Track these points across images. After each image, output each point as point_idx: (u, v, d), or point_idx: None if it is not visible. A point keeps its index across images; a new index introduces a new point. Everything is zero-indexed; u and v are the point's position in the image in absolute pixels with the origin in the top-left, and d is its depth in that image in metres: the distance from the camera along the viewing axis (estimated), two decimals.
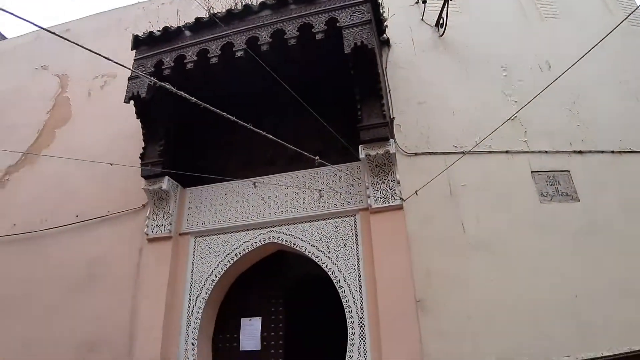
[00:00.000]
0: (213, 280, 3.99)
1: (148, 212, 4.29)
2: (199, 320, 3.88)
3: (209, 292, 3.96)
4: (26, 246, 4.78)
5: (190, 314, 3.91)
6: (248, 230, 4.09)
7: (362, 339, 3.46)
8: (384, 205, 3.72)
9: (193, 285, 4.02)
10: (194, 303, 3.95)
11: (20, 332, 4.38)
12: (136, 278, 4.20)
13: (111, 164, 3.89)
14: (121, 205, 4.58)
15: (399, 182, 3.76)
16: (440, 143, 4.21)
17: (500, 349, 3.30)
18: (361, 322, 3.50)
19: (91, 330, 4.15)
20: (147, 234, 4.21)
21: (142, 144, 4.26)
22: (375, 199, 3.74)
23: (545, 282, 3.48)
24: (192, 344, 3.82)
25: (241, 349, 3.98)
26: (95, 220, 4.63)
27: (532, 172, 4.01)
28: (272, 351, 3.91)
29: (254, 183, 3.82)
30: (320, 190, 3.91)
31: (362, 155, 3.75)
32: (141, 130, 4.34)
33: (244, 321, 4.05)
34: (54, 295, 4.42)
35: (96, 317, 4.18)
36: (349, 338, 3.49)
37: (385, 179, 3.78)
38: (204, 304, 3.93)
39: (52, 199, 4.92)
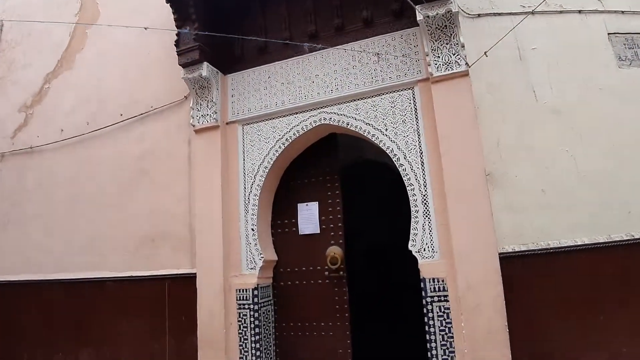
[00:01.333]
0: (266, 167, 3.86)
1: (191, 103, 4.13)
2: (256, 207, 3.83)
3: (263, 179, 3.86)
4: (76, 150, 4.90)
5: (247, 202, 3.87)
6: (297, 113, 3.87)
7: (426, 216, 3.31)
8: (447, 72, 3.37)
9: (246, 173, 3.93)
10: (249, 191, 3.87)
11: (83, 231, 4.60)
12: (188, 170, 4.15)
13: (145, 28, 3.65)
14: (163, 100, 4.43)
15: (463, 46, 3.37)
16: (507, 2, 3.66)
17: (577, 223, 3.14)
18: (425, 200, 3.34)
19: (150, 224, 4.23)
20: (194, 125, 4.08)
21: (175, 33, 3.95)
22: (436, 66, 3.38)
23: (624, 153, 3.16)
24: (252, 229, 3.81)
25: (300, 232, 3.93)
26: (139, 117, 4.52)
27: (608, 34, 3.51)
28: (332, 234, 3.87)
29: (306, 46, 3.46)
30: (377, 54, 3.53)
31: (419, 17, 3.34)
32: (173, 17, 3.99)
33: (301, 206, 3.98)
34: (110, 194, 4.53)
35: (154, 211, 4.26)
36: (412, 217, 3.37)
37: (447, 43, 3.39)
38: (259, 191, 3.86)
39: (94, 101, 4.90)
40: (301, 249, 3.99)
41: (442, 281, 3.22)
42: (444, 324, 3.17)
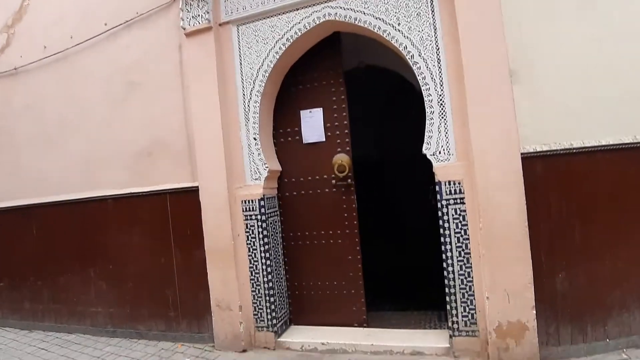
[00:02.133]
0: (265, 71, 3.53)
1: (181, 4, 3.68)
2: (257, 115, 3.56)
3: (263, 84, 3.54)
4: (62, 67, 4.51)
5: (247, 109, 3.58)
6: (298, 9, 3.47)
7: (442, 117, 3.08)
8: None
9: (244, 78, 3.59)
10: (248, 97, 3.57)
11: (77, 149, 4.39)
12: (181, 78, 3.82)
13: None
14: (150, 4, 3.93)
15: None
16: None
17: (602, 123, 2.90)
18: (441, 100, 3.08)
19: (146, 137, 3.99)
20: (184, 28, 3.68)
21: None
22: None
23: None
24: (254, 138, 3.57)
25: (304, 141, 3.70)
26: (125, 25, 4.09)
27: None
28: (338, 141, 3.63)
29: None
30: None
31: None
32: None
33: (304, 113, 3.71)
34: (100, 109, 4.25)
35: (148, 124, 3.99)
36: (427, 119, 3.13)
37: None
38: (259, 97, 3.55)
39: (75, 13, 4.41)
40: (306, 158, 3.77)
41: (459, 184, 3.05)
42: (459, 227, 3.05)
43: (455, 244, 3.06)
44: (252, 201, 3.59)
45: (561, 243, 2.91)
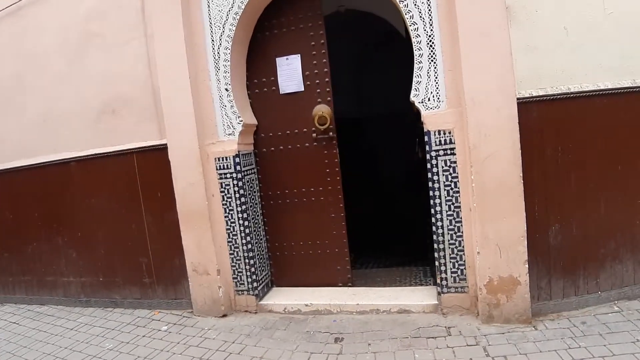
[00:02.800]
0: (236, 14, 3.17)
1: None
2: (229, 63, 3.20)
3: (234, 28, 3.19)
4: (15, 21, 4.00)
5: (217, 57, 3.23)
6: None
7: (432, 60, 2.81)
8: None
9: (213, 22, 3.23)
10: (218, 43, 3.21)
11: (35, 107, 3.98)
12: (144, 26, 3.41)
13: None
14: None
15: None
16: None
17: (601, 66, 2.67)
18: (431, 41, 2.81)
19: (109, 92, 3.63)
20: None
21: None
22: None
23: None
24: (226, 89, 3.22)
25: (281, 92, 3.37)
26: None
27: None
28: (318, 91, 3.32)
29: None
30: None
31: None
32: None
33: (280, 60, 3.37)
34: (57, 64, 3.84)
35: (110, 79, 3.64)
36: (415, 62, 2.86)
37: None
38: (230, 43, 3.21)
39: None
40: (284, 110, 3.46)
41: (449, 133, 2.81)
42: (449, 179, 2.83)
43: (445, 197, 2.85)
44: (226, 158, 3.30)
45: (556, 194, 2.73)
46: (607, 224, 2.75)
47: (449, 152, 2.82)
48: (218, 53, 3.26)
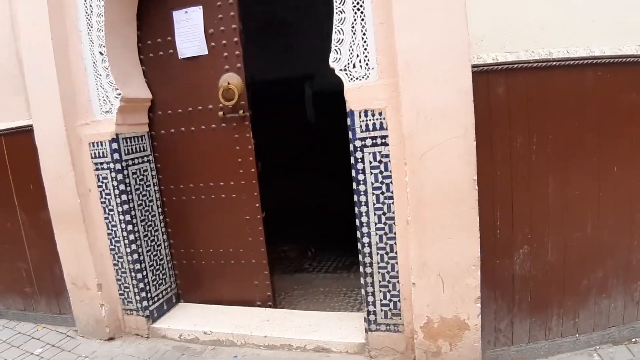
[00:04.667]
0: None
1: None
2: (103, 18, 2.32)
3: None
4: None
5: (89, 11, 2.41)
6: None
7: (358, 9, 1.95)
8: None
9: None
10: None
11: None
12: None
13: None
14: None
15: None
16: None
17: (596, 22, 1.84)
18: None
19: None
20: None
21: None
22: None
23: None
24: (100, 53, 2.36)
25: (180, 56, 2.52)
26: None
27: None
28: (225, 55, 2.48)
29: None
30: None
31: None
32: None
33: (178, 14, 2.54)
34: None
35: None
36: (335, 13, 1.99)
37: None
38: None
39: None
40: (184, 80, 2.63)
41: (380, 115, 1.97)
42: (379, 179, 2.01)
43: (374, 204, 2.04)
44: (101, 143, 2.49)
45: (527, 204, 1.90)
46: (595, 246, 1.94)
47: (379, 141, 1.99)
48: (90, 7, 2.40)
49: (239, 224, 2.68)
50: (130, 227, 2.55)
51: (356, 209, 2.08)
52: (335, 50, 2.00)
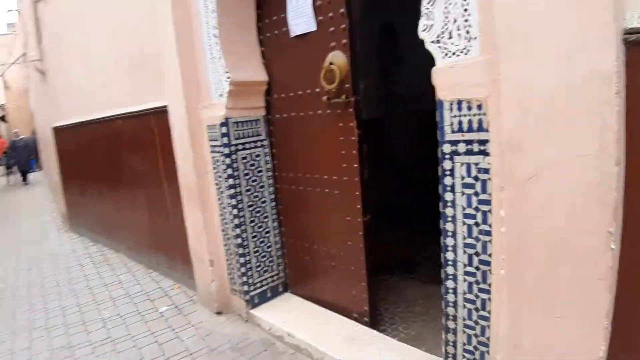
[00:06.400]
0: None
1: None
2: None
3: None
4: None
5: None
6: None
7: None
8: None
9: None
10: None
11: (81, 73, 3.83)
12: None
13: None
14: None
15: None
16: None
17: None
18: None
19: (125, 48, 3.31)
20: None
21: None
22: None
23: None
24: (215, 35, 2.36)
25: (292, 34, 2.31)
26: None
27: None
28: (332, 29, 2.13)
29: None
30: None
31: None
32: None
33: None
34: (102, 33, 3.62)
35: (119, 31, 3.24)
36: None
37: None
38: None
39: None
40: (296, 60, 2.40)
41: (479, 107, 1.32)
42: (473, 204, 1.38)
43: (464, 237, 1.42)
44: (214, 127, 2.53)
45: None
46: None
47: (476, 148, 1.34)
48: None
49: (339, 224, 2.36)
50: (235, 211, 2.55)
51: (442, 239, 1.50)
52: (426, 13, 1.41)
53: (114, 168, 3.94)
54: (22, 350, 2.60)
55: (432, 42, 1.42)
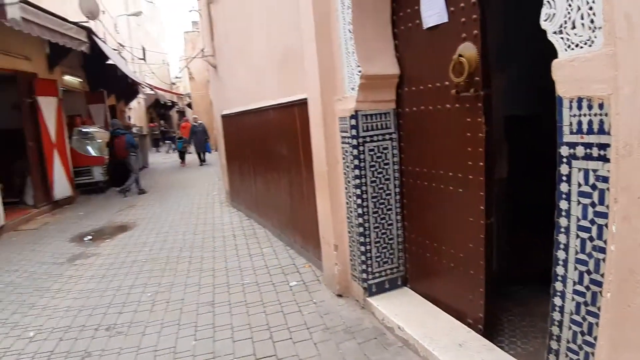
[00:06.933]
0: None
1: None
2: None
3: None
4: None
5: None
6: None
7: None
8: None
9: None
10: None
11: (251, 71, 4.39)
12: None
13: None
14: None
15: None
16: None
17: None
18: None
19: (279, 45, 3.63)
20: None
21: None
22: None
23: None
24: (349, 30, 2.57)
25: (424, 26, 2.36)
26: None
27: None
28: (463, 20, 2.12)
29: None
30: None
31: None
32: None
33: None
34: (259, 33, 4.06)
35: (285, 32, 3.55)
36: None
37: None
38: None
39: None
40: (427, 53, 2.42)
41: (600, 107, 1.20)
42: (589, 216, 1.27)
43: (576, 252, 1.31)
44: (345, 119, 2.71)
45: None
46: None
47: (595, 153, 1.23)
48: None
49: (461, 225, 2.32)
50: (359, 201, 2.71)
51: (554, 251, 1.40)
52: (548, 1, 1.32)
53: (265, 153, 4.51)
54: (176, 301, 3.24)
55: (555, 32, 1.32)
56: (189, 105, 25.28)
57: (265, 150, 4.46)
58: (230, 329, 2.74)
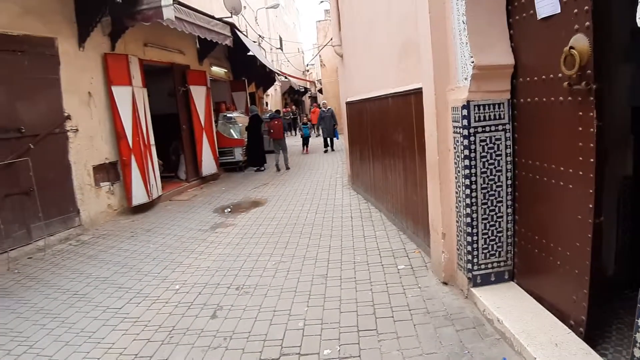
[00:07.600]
0: None
1: None
2: None
3: None
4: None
5: None
6: None
7: None
8: None
9: None
10: None
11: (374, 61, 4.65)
12: None
13: None
14: None
15: None
16: None
17: None
18: None
19: (399, 34, 3.77)
20: None
21: None
22: None
23: None
24: (463, 22, 2.72)
25: (538, 16, 2.42)
26: None
27: None
28: (575, 11, 2.15)
29: None
30: None
31: None
32: None
33: None
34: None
35: (402, 23, 3.73)
36: None
37: None
38: None
39: None
40: (540, 43, 2.44)
41: None
42: None
43: None
44: (457, 109, 2.85)
45: None
46: None
47: None
48: None
49: (569, 222, 2.34)
50: (468, 191, 2.85)
51: None
52: None
53: (382, 139, 4.80)
54: (295, 271, 3.76)
55: None
56: (320, 91, 26.63)
57: (383, 136, 4.75)
58: (339, 301, 3.15)
